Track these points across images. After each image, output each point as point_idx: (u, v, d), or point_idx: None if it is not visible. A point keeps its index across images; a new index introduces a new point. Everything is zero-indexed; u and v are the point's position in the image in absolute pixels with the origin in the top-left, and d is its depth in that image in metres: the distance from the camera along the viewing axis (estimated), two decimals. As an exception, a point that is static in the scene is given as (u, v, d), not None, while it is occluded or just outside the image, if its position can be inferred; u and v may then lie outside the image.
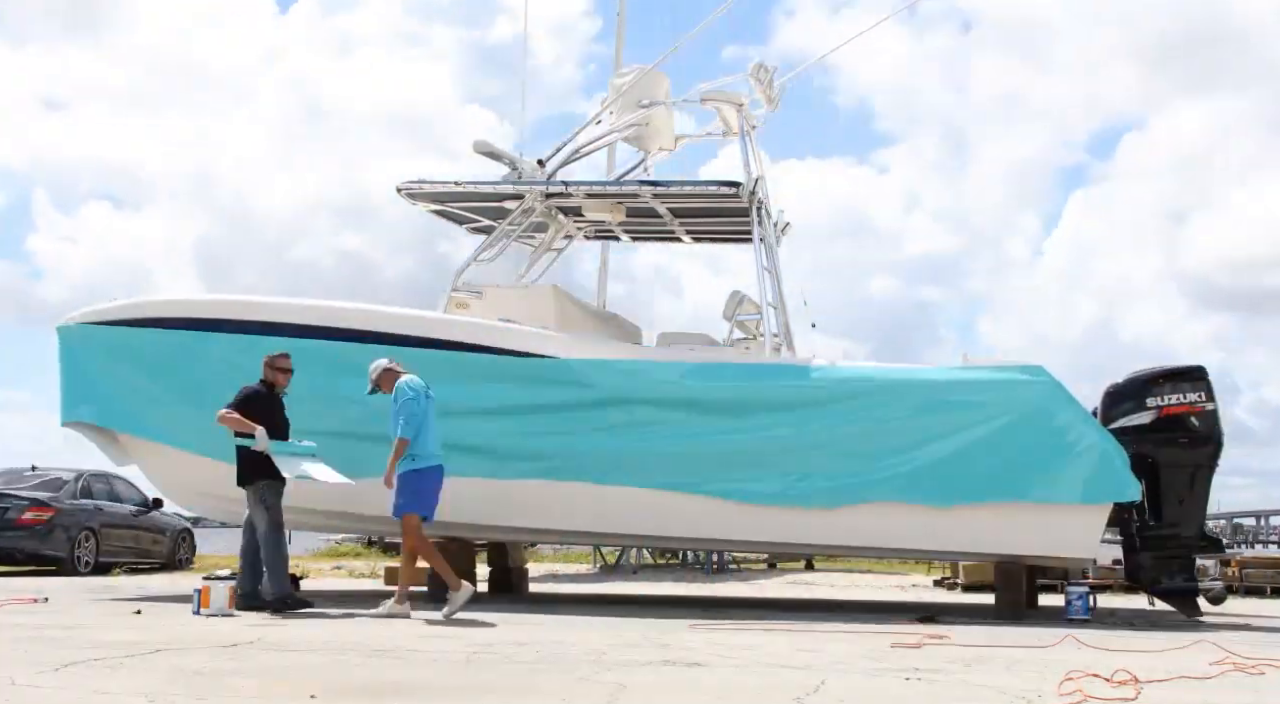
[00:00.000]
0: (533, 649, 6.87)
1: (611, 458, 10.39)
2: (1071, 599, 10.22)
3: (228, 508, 11.73)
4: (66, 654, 6.27)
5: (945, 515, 10.15)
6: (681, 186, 11.62)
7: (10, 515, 16.03)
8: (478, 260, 11.93)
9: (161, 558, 18.46)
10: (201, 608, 8.99)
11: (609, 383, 10.55)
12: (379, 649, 6.78)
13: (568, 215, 12.43)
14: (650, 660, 6.43)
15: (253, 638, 7.28)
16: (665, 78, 12.32)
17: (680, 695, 5.33)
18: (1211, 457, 10.38)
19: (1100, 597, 11.99)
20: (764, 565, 22.91)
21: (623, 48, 13.07)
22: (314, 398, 10.29)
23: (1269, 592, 15.50)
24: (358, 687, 5.40)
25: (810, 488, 10.26)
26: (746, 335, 12.29)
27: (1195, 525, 10.45)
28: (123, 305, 11.33)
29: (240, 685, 5.32)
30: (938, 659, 6.74)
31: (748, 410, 10.44)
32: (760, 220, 11.51)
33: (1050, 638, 7.95)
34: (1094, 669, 6.05)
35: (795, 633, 8.32)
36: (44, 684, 5.25)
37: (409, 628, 8.29)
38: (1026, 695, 5.33)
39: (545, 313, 11.19)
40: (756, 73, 12.00)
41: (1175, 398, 10.31)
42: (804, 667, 6.26)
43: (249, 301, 11.26)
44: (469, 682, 5.60)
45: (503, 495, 10.51)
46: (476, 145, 11.79)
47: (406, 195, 12.07)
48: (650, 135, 12.36)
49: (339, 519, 11.70)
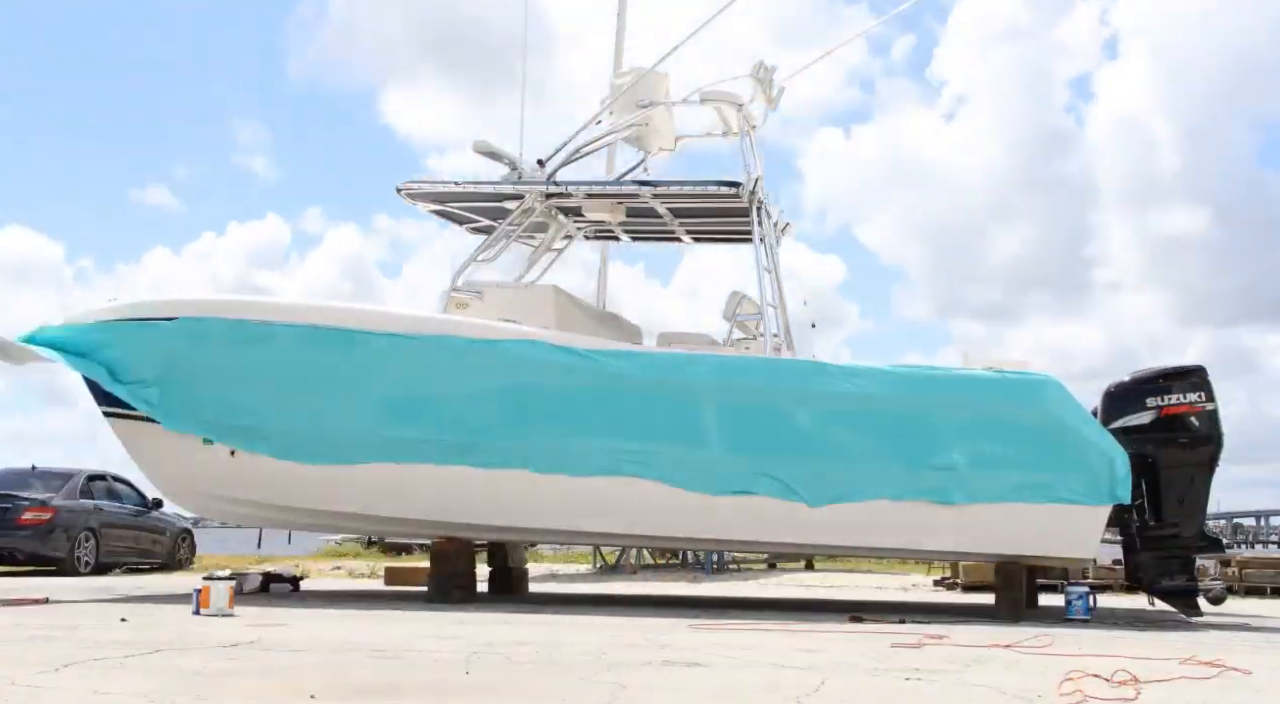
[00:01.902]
0: (533, 649, 6.87)
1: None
2: (1071, 599, 10.23)
3: (224, 508, 11.78)
4: (66, 654, 6.26)
5: (946, 515, 10.16)
6: (681, 186, 11.62)
7: (10, 515, 16.03)
8: (477, 260, 11.94)
9: (161, 558, 18.46)
10: (201, 608, 8.99)
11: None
12: (379, 649, 6.77)
13: (568, 215, 12.44)
14: (650, 660, 6.43)
15: (253, 638, 7.27)
16: (665, 78, 12.32)
17: (680, 695, 5.32)
18: (1211, 457, 10.39)
19: (1100, 597, 11.99)
20: (764, 565, 22.92)
21: (623, 48, 13.04)
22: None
23: (1269, 592, 15.51)
24: (358, 687, 5.39)
25: (811, 487, 10.27)
26: (746, 335, 12.29)
27: (1195, 525, 10.45)
28: (123, 305, 11.33)
29: (240, 685, 5.31)
30: (938, 659, 6.74)
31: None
32: (760, 220, 11.52)
33: (1050, 638, 7.94)
34: (1094, 669, 6.05)
35: (795, 633, 8.31)
36: (44, 684, 5.24)
37: (409, 628, 8.28)
38: (1026, 695, 5.32)
39: (545, 313, 11.19)
40: (756, 73, 12.00)
41: (1175, 398, 10.32)
42: (804, 667, 6.25)
43: (248, 302, 11.27)
44: (469, 682, 5.59)
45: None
46: (476, 145, 11.80)
47: (406, 195, 12.08)
48: (650, 135, 12.36)
49: (336, 519, 11.71)
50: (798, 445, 10.37)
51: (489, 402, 10.61)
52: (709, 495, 10.36)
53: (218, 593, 9.02)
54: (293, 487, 10.86)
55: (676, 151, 12.87)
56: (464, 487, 10.56)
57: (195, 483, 11.24)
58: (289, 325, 10.84)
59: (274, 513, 11.71)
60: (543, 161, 11.90)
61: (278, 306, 11.11)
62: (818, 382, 10.52)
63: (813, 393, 10.46)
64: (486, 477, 10.53)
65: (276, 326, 10.84)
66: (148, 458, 11.41)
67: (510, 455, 10.52)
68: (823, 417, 10.41)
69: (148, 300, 11.33)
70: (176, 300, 11.29)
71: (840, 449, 10.33)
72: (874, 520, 10.29)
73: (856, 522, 10.31)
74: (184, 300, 11.27)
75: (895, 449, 10.24)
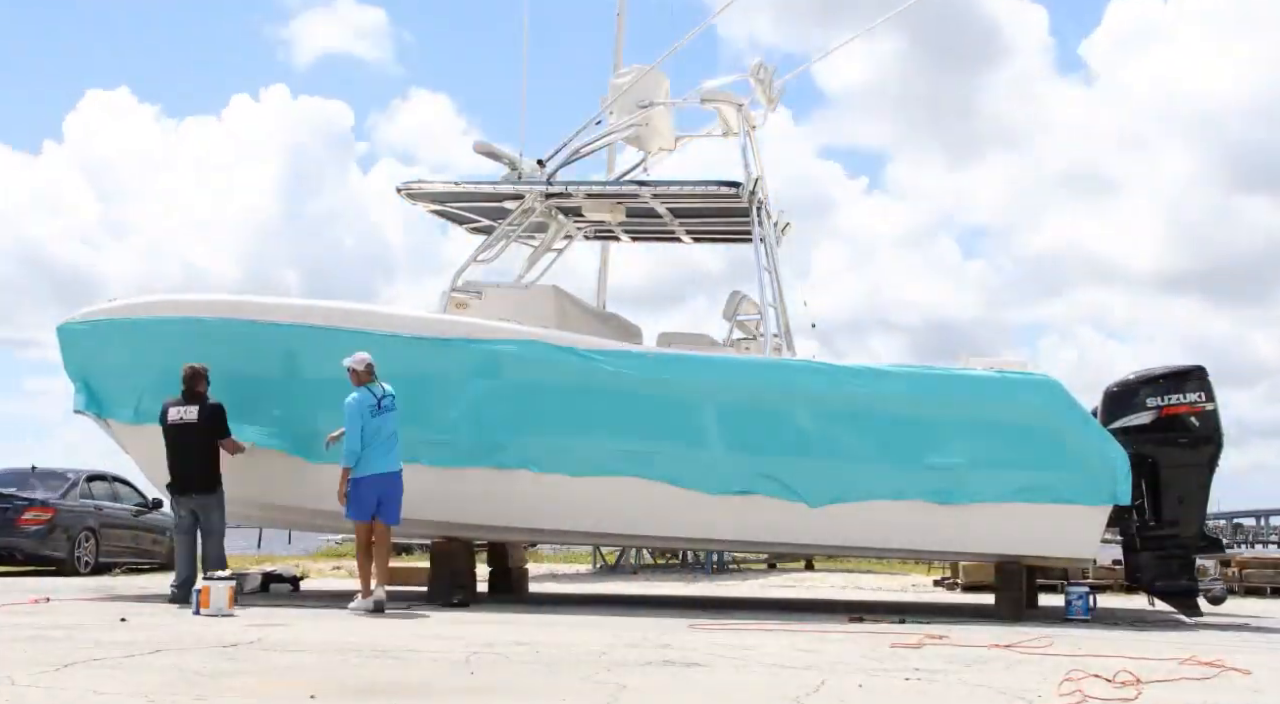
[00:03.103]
0: (532, 649, 6.87)
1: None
2: (1071, 599, 10.23)
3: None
4: (66, 654, 6.27)
5: (946, 515, 10.16)
6: (681, 186, 11.62)
7: (10, 515, 16.01)
8: (477, 260, 11.93)
9: (161, 558, 18.42)
10: (201, 608, 8.99)
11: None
12: (379, 649, 6.77)
13: (568, 215, 12.44)
14: (650, 660, 6.43)
15: (252, 638, 7.28)
16: (665, 78, 12.32)
17: (680, 695, 5.32)
18: (1211, 457, 10.39)
19: (1100, 597, 11.98)
20: (764, 565, 22.91)
21: (623, 48, 13.05)
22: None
23: (1269, 592, 15.49)
24: (358, 687, 5.40)
25: (811, 487, 10.27)
26: (746, 335, 12.29)
27: (1195, 525, 10.45)
28: (122, 305, 11.33)
29: (240, 685, 5.32)
30: (938, 659, 6.74)
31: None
32: (760, 220, 11.51)
33: (1050, 638, 7.94)
34: (1094, 669, 6.06)
35: (795, 633, 8.32)
36: (44, 684, 5.24)
37: (409, 628, 8.28)
38: (1026, 696, 5.33)
39: (545, 313, 11.19)
40: (756, 73, 12.00)
41: (1175, 398, 10.32)
42: (804, 667, 6.25)
43: (247, 301, 11.27)
44: (469, 682, 5.59)
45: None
46: (476, 145, 11.80)
47: (406, 195, 12.07)
48: (650, 135, 12.35)
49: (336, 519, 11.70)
50: (798, 445, 10.36)
51: (489, 402, 10.61)
52: (709, 495, 10.36)
53: (218, 593, 9.03)
54: (293, 486, 10.86)
55: (676, 151, 12.88)
56: (464, 487, 10.56)
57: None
58: (290, 325, 10.85)
59: (274, 513, 11.71)
60: (543, 161, 11.90)
61: (278, 307, 11.11)
62: (818, 382, 10.51)
63: (813, 393, 10.46)
64: (486, 477, 10.53)
65: (276, 326, 10.85)
66: (148, 458, 11.41)
67: (510, 455, 10.52)
68: (823, 417, 10.40)
69: (147, 300, 11.35)
70: (176, 300, 11.30)
71: (840, 449, 10.33)
72: (874, 520, 10.29)
73: (856, 522, 10.31)
74: (184, 300, 11.29)
75: (895, 449, 10.24)
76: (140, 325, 11.08)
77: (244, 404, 10.74)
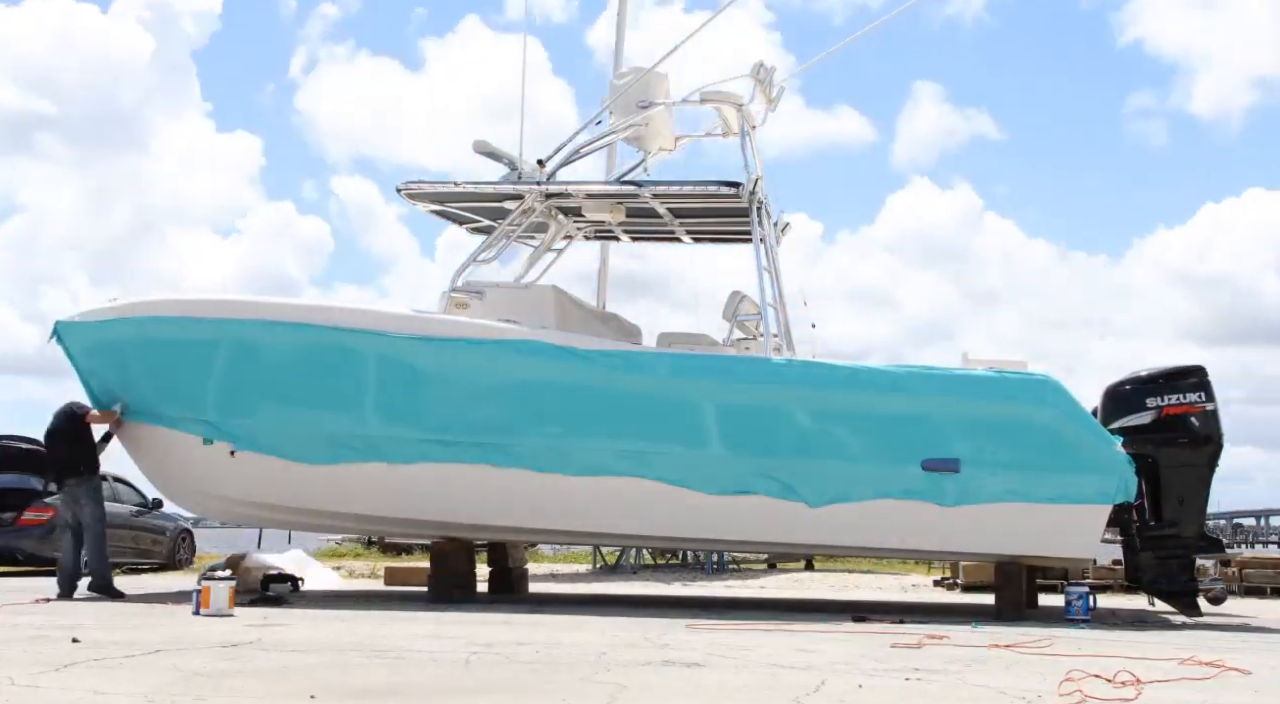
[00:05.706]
0: (533, 649, 6.87)
1: None
2: (1071, 599, 10.22)
3: (224, 508, 11.78)
4: (66, 654, 6.27)
5: (946, 515, 10.16)
6: (681, 187, 11.62)
7: (10, 515, 16.01)
8: (477, 260, 11.93)
9: (161, 558, 18.44)
10: (201, 608, 8.99)
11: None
12: (379, 649, 6.77)
13: (567, 215, 12.44)
14: (650, 660, 6.43)
15: (252, 638, 7.28)
16: (665, 78, 12.32)
17: (680, 695, 5.32)
18: (1212, 457, 10.39)
19: (1100, 597, 11.99)
20: (764, 565, 22.91)
21: (623, 48, 13.04)
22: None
23: (1269, 592, 15.48)
24: (358, 687, 5.40)
25: (811, 487, 10.27)
26: (746, 335, 12.29)
27: (1195, 525, 10.45)
28: (121, 305, 11.34)
29: (240, 686, 5.31)
30: (938, 659, 6.74)
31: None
32: (760, 220, 11.52)
33: (1050, 638, 7.94)
34: (1094, 669, 6.05)
35: (795, 633, 8.32)
36: (44, 684, 5.24)
37: (409, 628, 8.28)
38: (1026, 696, 5.32)
39: (545, 313, 11.19)
40: (756, 73, 12.00)
41: (1175, 398, 10.32)
42: (804, 667, 6.25)
43: (246, 301, 11.27)
44: (469, 682, 5.59)
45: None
46: (476, 145, 11.79)
47: (406, 195, 12.08)
48: (650, 135, 12.35)
49: (336, 519, 11.71)
50: (798, 445, 10.37)
51: (489, 402, 10.62)
52: (709, 495, 10.36)
53: (218, 593, 9.02)
54: (292, 486, 10.86)
55: (675, 151, 12.87)
56: (464, 486, 10.57)
57: (195, 483, 11.24)
58: (290, 325, 10.85)
59: (274, 513, 11.71)
60: (543, 162, 11.90)
61: (279, 306, 11.11)
62: (818, 381, 10.51)
63: (813, 393, 10.46)
64: (486, 476, 10.54)
65: (277, 327, 10.85)
66: (147, 458, 11.42)
67: (510, 455, 10.53)
68: (823, 417, 10.41)
69: (147, 300, 11.35)
70: (176, 300, 11.31)
71: (840, 449, 10.33)
72: (874, 520, 10.29)
73: (856, 522, 10.31)
74: (184, 300, 11.29)
75: (895, 449, 10.24)
76: (140, 324, 11.08)
77: (244, 404, 10.75)
